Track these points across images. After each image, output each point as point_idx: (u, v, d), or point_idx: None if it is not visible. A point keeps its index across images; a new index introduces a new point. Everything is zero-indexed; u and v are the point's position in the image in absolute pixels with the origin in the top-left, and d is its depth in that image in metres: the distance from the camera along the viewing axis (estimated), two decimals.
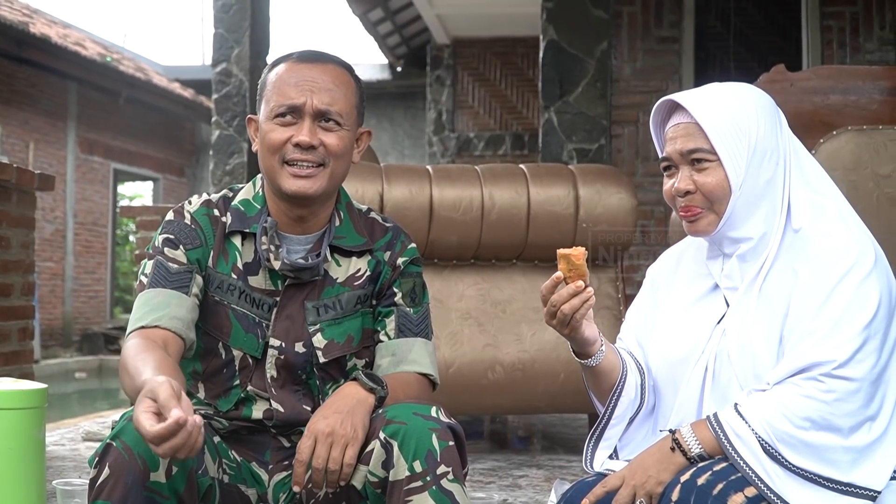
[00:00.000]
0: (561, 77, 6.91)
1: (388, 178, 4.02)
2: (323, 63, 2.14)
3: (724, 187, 1.94)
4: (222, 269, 2.14)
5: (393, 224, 2.28)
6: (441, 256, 4.09)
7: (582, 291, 1.94)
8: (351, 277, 2.18)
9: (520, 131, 13.02)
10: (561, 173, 4.11)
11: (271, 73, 2.15)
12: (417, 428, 1.90)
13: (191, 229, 2.14)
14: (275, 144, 2.08)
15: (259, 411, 2.12)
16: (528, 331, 4.03)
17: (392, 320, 2.19)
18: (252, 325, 2.12)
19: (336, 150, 2.09)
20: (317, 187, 2.09)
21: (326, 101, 2.08)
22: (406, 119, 17.91)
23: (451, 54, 13.30)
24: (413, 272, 2.24)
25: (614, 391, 2.08)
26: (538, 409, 4.08)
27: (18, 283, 4.40)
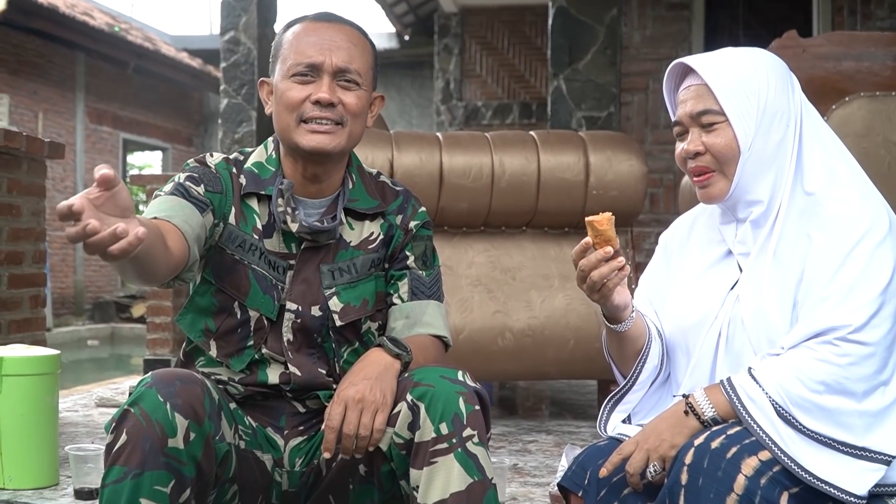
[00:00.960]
0: (570, 44, 6.88)
1: (398, 145, 4.00)
2: (340, 23, 2.14)
3: (734, 148, 1.93)
4: (244, 229, 2.13)
5: (403, 188, 2.28)
6: (451, 223, 4.08)
7: (612, 259, 1.92)
8: (364, 241, 2.18)
9: (528, 100, 12.97)
10: (571, 140, 4.10)
11: (287, 33, 2.14)
12: (444, 391, 1.91)
13: (213, 175, 2.13)
14: (293, 102, 2.07)
15: (275, 375, 2.12)
16: (537, 297, 4.02)
17: (405, 283, 2.19)
18: (269, 287, 2.12)
19: (354, 109, 2.09)
20: (335, 143, 2.08)
21: (345, 59, 2.08)
22: (413, 88, 17.86)
23: (458, 23, 13.24)
24: (424, 235, 2.24)
25: (641, 357, 2.06)
26: (547, 375, 4.08)
27: (29, 251, 4.40)
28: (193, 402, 1.85)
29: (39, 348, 3.15)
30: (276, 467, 2.10)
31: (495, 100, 13.09)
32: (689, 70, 2.00)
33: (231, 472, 1.99)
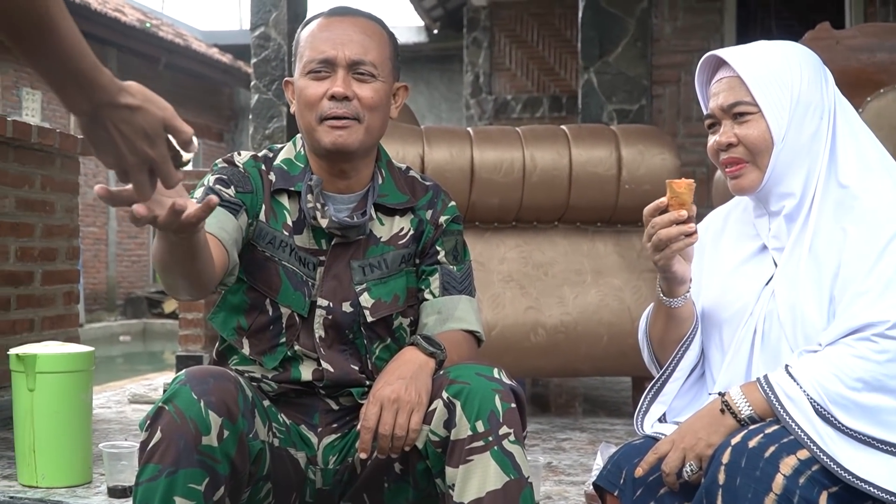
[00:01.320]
0: (600, 37, 6.85)
1: (428, 140, 3.99)
2: (353, 16, 2.14)
3: (767, 139, 1.91)
4: (274, 226, 2.13)
5: (433, 182, 2.28)
6: (482, 219, 4.07)
7: (683, 222, 1.91)
8: (395, 236, 2.18)
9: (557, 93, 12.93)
10: (603, 134, 4.08)
11: (303, 31, 2.16)
12: (481, 388, 1.90)
13: (242, 174, 2.14)
14: (311, 100, 2.08)
15: (308, 372, 2.11)
16: (570, 293, 4.01)
17: (436, 278, 2.19)
18: (300, 283, 2.12)
19: (370, 103, 2.08)
20: (353, 139, 2.07)
21: (358, 51, 2.08)
22: (443, 82, 17.86)
23: (488, 16, 13.20)
24: (455, 230, 2.24)
25: (684, 342, 2.05)
26: (580, 371, 4.07)
27: (63, 247, 4.43)
28: (227, 399, 1.85)
29: (73, 345, 3.16)
30: (309, 465, 2.10)
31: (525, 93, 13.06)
32: (721, 62, 1.99)
33: (265, 469, 1.99)
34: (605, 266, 4.04)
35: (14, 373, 3.02)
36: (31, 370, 2.98)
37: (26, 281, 4.17)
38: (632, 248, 4.06)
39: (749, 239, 2.05)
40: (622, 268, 4.04)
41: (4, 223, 4.03)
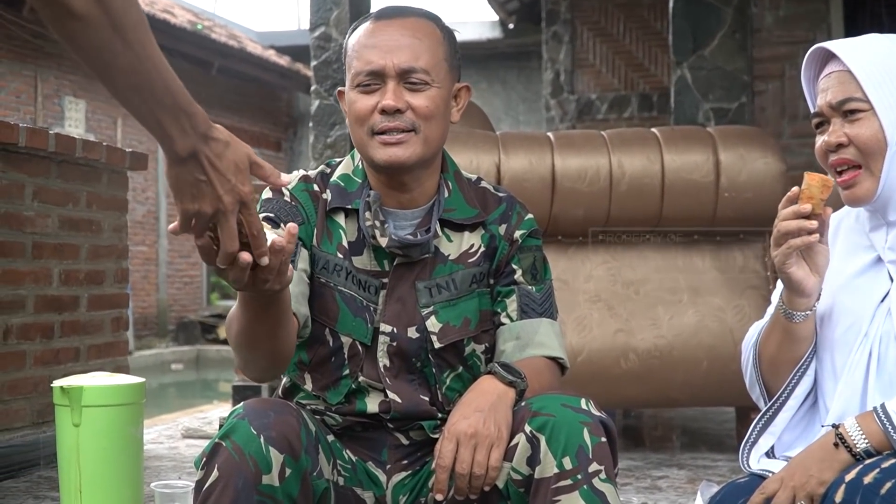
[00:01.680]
0: (694, 28, 6.81)
1: (505, 148, 4.00)
2: (402, 17, 2.13)
3: (880, 139, 1.90)
4: (327, 249, 2.14)
5: (506, 194, 2.27)
6: (566, 233, 4.07)
7: (805, 217, 1.89)
8: (464, 254, 2.17)
9: (647, 91, 12.87)
10: (698, 137, 4.05)
11: (350, 38, 2.16)
12: (567, 421, 1.88)
13: (291, 206, 2.15)
14: (361, 114, 2.09)
15: (374, 404, 2.12)
16: (664, 314, 3.98)
17: (513, 300, 2.18)
18: (360, 309, 2.12)
19: (426, 112, 2.08)
20: (409, 154, 2.08)
21: (408, 58, 2.08)
22: (520, 81, 17.88)
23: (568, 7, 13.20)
24: (532, 246, 2.23)
25: (802, 363, 2.02)
26: (677, 401, 4.04)
27: (111, 269, 4.51)
28: (289, 434, 1.86)
29: (122, 376, 3.21)
30: None
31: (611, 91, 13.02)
32: (830, 56, 1.97)
33: None
34: (704, 283, 4.01)
35: (58, 406, 3.07)
36: (76, 403, 3.03)
37: (71, 306, 4.25)
38: (733, 262, 4.02)
39: (862, 251, 2.03)
40: (722, 285, 4.01)
41: (47, 244, 4.11)
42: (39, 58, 13.31)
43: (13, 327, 3.91)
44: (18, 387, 3.95)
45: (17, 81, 12.99)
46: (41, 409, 4.04)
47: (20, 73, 13.05)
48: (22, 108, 13.00)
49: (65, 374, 3.84)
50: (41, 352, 4.07)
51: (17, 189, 3.96)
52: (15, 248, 3.94)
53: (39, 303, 4.07)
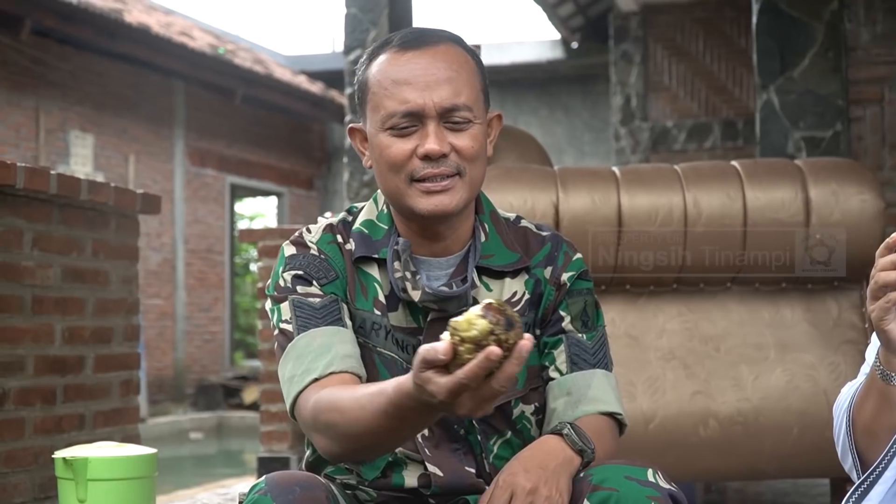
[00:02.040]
0: (781, 47, 6.81)
1: (564, 185, 4.02)
2: (433, 45, 2.13)
3: None
4: (363, 306, 2.16)
5: (550, 232, 2.28)
6: (634, 282, 4.06)
7: None
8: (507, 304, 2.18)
9: (731, 117, 12.86)
10: (785, 171, 4.05)
11: (371, 69, 2.15)
12: (632, 495, 1.89)
13: (321, 261, 2.18)
14: (398, 161, 2.09)
15: (413, 477, 2.12)
16: (748, 373, 3.97)
17: (561, 351, 2.19)
18: (400, 373, 2.11)
19: (471, 153, 2.11)
20: (456, 201, 2.10)
21: (450, 95, 2.08)
22: (585, 107, 17.91)
23: (640, 23, 13.24)
24: (582, 289, 2.24)
25: None
26: (764, 473, 4.01)
27: (120, 326, 4.55)
28: None
29: (132, 446, 3.25)
30: None
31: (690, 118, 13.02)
32: None
33: None
34: (793, 338, 4.00)
35: (61, 480, 3.11)
36: (81, 477, 3.06)
37: (76, 368, 4.29)
38: (826, 314, 4.00)
39: None
40: (815, 340, 3.99)
41: (48, 298, 4.16)
42: (41, 87, 13.46)
43: (11, 392, 3.94)
44: (17, 458, 3.98)
45: (17, 114, 13.13)
46: (43, 483, 4.07)
47: (19, 104, 13.19)
48: (22, 143, 13.12)
49: (68, 444, 3.88)
50: (42, 419, 4.10)
51: (15, 236, 4.00)
52: (12, 302, 3.98)
53: (40, 364, 4.10)
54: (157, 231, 15.45)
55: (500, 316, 1.66)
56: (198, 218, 16.57)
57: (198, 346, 16.38)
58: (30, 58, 13.17)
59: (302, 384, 2.05)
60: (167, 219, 15.67)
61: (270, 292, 2.20)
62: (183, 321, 16.00)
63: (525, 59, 17.60)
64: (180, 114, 16.29)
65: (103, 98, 14.62)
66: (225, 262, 17.20)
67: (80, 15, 13.14)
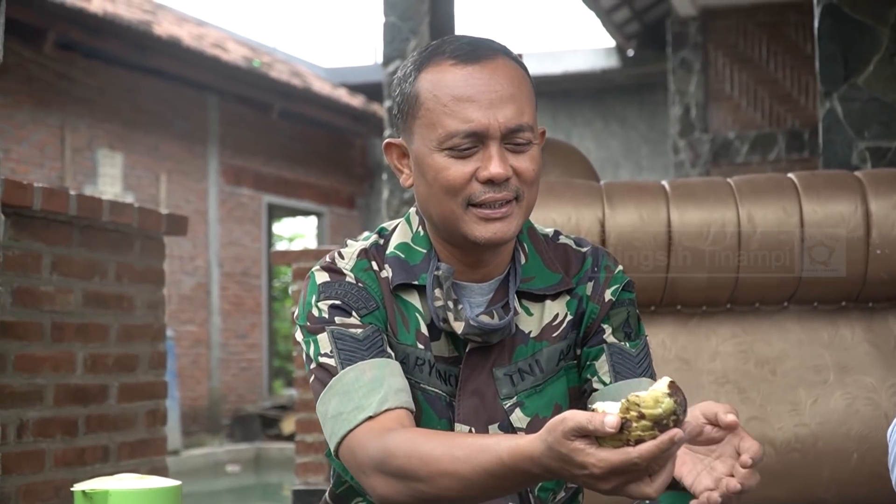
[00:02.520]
0: (845, 52, 6.78)
1: (610, 200, 4.02)
2: (491, 59, 2.10)
3: None
4: (405, 339, 2.16)
5: (590, 247, 2.27)
6: (685, 302, 4.07)
7: None
8: (548, 328, 2.18)
9: (797, 127, 12.84)
10: (844, 183, 4.04)
11: (423, 82, 2.11)
12: None
13: (359, 290, 2.15)
14: (456, 185, 2.06)
15: None
16: (806, 397, 3.96)
17: (604, 362, 2.18)
18: (444, 409, 2.15)
19: (532, 177, 2.10)
20: (514, 229, 2.09)
21: (514, 115, 2.06)
22: (642, 118, 17.90)
23: (699, 29, 13.25)
24: (624, 300, 2.23)
25: None
26: (823, 501, 3.99)
27: (145, 353, 4.59)
28: None
29: (155, 478, 3.27)
30: None
31: (753, 129, 13.01)
32: None
33: None
34: (853, 360, 3.98)
35: None
36: None
37: (98, 397, 4.33)
38: (888, 333, 3.99)
39: None
40: (876, 361, 3.97)
41: (69, 325, 4.21)
42: (67, 103, 13.54)
43: (29, 422, 3.99)
44: (36, 492, 4.02)
45: (41, 132, 13.21)
46: None
47: (44, 121, 13.27)
48: (47, 163, 13.20)
49: (91, 477, 3.88)
50: (63, 451, 4.14)
51: (34, 260, 4.05)
52: (31, 329, 4.03)
53: (60, 393, 4.14)
54: (191, 254, 15.51)
55: (682, 397, 1.67)
56: (233, 240, 16.64)
57: (234, 375, 16.42)
58: (54, 72, 13.27)
59: (353, 423, 2.01)
60: (201, 241, 15.74)
61: (302, 322, 2.15)
62: (218, 348, 16.05)
63: (578, 69, 17.62)
64: (214, 130, 16.37)
65: (133, 114, 14.71)
66: (262, 285, 17.26)
67: (108, 27, 13.22)
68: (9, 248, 3.90)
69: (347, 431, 2.01)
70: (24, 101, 12.94)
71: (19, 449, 3.95)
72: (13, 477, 3.90)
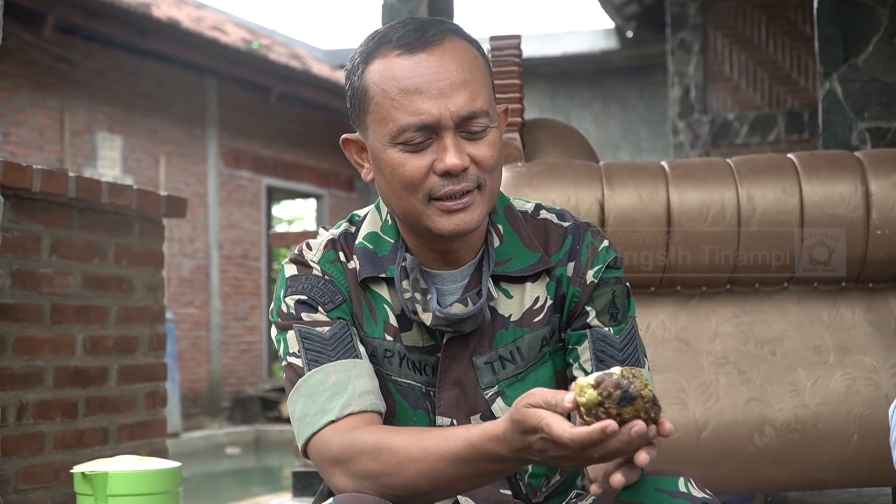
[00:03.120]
0: (843, 33, 6.77)
1: (609, 181, 4.02)
2: (438, 43, 2.01)
3: None
4: (373, 332, 2.12)
5: (571, 222, 2.18)
6: (685, 283, 4.06)
7: None
8: (529, 313, 2.12)
9: (797, 108, 12.83)
10: (843, 163, 4.03)
11: (370, 75, 2.03)
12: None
13: (325, 283, 2.12)
14: (414, 180, 2.00)
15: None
16: (807, 378, 3.96)
17: (586, 348, 2.11)
18: (419, 399, 2.12)
19: (491, 163, 2.02)
20: (478, 218, 2.02)
21: (466, 101, 1.98)
22: (641, 100, 17.90)
23: (698, 10, 13.22)
24: (610, 279, 2.15)
25: None
26: (824, 482, 4.00)
27: (144, 335, 4.59)
28: None
29: (155, 460, 3.27)
30: None
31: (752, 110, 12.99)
32: None
33: None
34: (854, 340, 3.98)
35: (80, 496, 3.13)
36: (100, 492, 3.08)
37: (98, 380, 4.32)
38: (889, 313, 3.98)
39: None
40: (876, 342, 3.97)
41: (69, 307, 4.20)
42: (67, 86, 13.56)
43: (29, 405, 3.99)
44: (37, 474, 4.01)
45: (41, 115, 13.23)
46: (64, 500, 4.10)
47: (44, 104, 13.31)
48: (46, 146, 13.23)
49: (91, 460, 3.90)
50: (63, 433, 4.14)
51: (33, 242, 4.04)
52: (31, 311, 4.02)
53: (60, 376, 4.14)
54: (190, 236, 15.53)
55: (615, 390, 1.65)
56: (232, 222, 16.65)
57: (234, 357, 16.46)
58: (53, 56, 13.27)
59: (316, 426, 1.99)
60: (200, 224, 15.75)
61: (274, 318, 2.13)
62: (218, 331, 16.08)
63: (577, 50, 17.61)
64: (213, 113, 16.37)
65: (132, 97, 14.73)
66: (262, 268, 17.28)
67: (107, 10, 13.24)
68: (8, 231, 3.89)
69: (311, 435, 2.00)
70: (23, 84, 12.95)
71: (19, 431, 3.94)
72: (13, 459, 3.90)
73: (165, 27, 14.27)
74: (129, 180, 13.85)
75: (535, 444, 1.70)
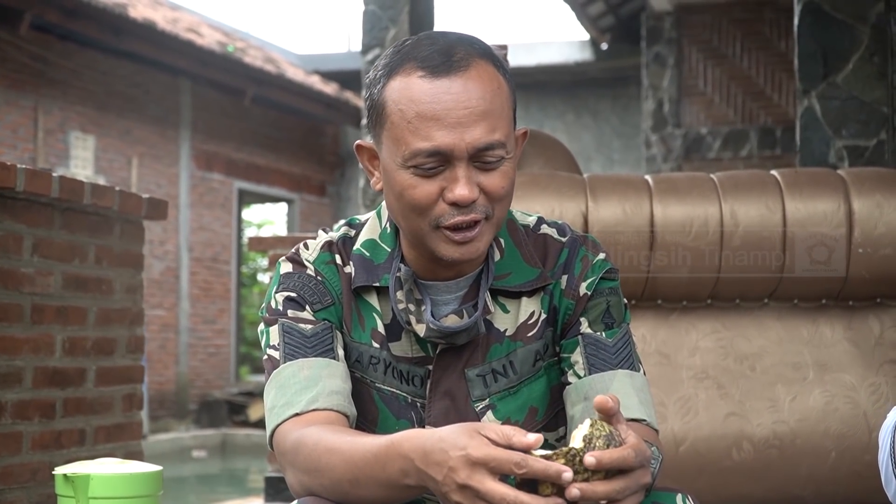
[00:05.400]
0: (823, 50, 6.81)
1: (593, 194, 4.03)
2: (464, 69, 1.97)
3: None
4: (360, 338, 2.12)
5: (569, 236, 2.17)
6: (666, 296, 4.07)
7: None
8: (523, 327, 2.12)
9: (769, 124, 12.89)
10: (827, 181, 4.05)
11: (390, 92, 2.00)
12: None
13: (317, 283, 2.12)
14: (422, 205, 1.98)
15: None
16: (785, 394, 3.97)
17: (578, 353, 2.10)
18: (404, 408, 2.12)
19: (501, 194, 1.99)
20: (483, 247, 2.02)
21: (484, 133, 1.95)
22: (615, 112, 17.93)
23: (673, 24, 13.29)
24: (604, 289, 2.14)
25: None
26: (801, 498, 4.01)
27: (123, 337, 4.58)
28: None
29: (136, 463, 3.26)
30: None
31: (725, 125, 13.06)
32: None
33: None
34: (833, 357, 4.00)
35: (61, 498, 3.13)
36: (82, 494, 3.08)
37: (76, 381, 4.31)
38: (868, 332, 4.00)
39: None
40: (856, 360, 3.99)
41: (48, 307, 4.18)
42: (41, 85, 13.53)
43: (8, 405, 3.97)
44: (14, 474, 4.00)
45: (14, 113, 13.20)
46: (40, 501, 4.09)
47: (17, 103, 13.28)
48: (20, 144, 13.20)
49: (68, 460, 3.90)
50: (40, 434, 4.13)
51: (14, 242, 4.03)
52: (10, 311, 4.00)
53: (39, 376, 4.13)
54: (161, 238, 15.50)
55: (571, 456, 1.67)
56: (203, 225, 16.63)
57: (202, 360, 16.43)
58: (29, 54, 13.23)
59: (281, 417, 1.99)
60: (171, 225, 15.72)
61: (262, 313, 2.14)
62: (186, 333, 16.05)
63: (552, 61, 17.64)
64: (186, 115, 16.35)
65: (106, 97, 14.70)
66: (231, 271, 17.26)
67: (83, 10, 13.19)
68: None
69: (276, 426, 2.00)
70: None
71: None
72: None
73: (141, 28, 14.23)
74: (101, 180, 13.80)
75: (451, 459, 1.67)
